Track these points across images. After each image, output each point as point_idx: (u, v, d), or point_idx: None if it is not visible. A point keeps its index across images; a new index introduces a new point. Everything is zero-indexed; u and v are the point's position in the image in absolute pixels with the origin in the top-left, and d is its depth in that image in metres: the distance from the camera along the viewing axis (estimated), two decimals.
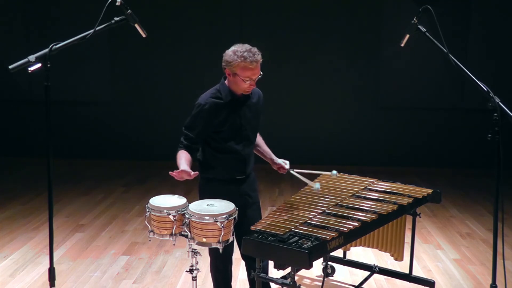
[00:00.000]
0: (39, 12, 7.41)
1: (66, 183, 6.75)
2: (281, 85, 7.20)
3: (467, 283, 4.15)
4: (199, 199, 3.07)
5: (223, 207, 2.86)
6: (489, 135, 2.73)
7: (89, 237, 5.04)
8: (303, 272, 4.19)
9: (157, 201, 2.94)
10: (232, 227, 2.85)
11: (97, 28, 2.80)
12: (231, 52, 3.00)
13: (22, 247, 4.77)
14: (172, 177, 2.84)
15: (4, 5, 7.50)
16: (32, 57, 2.66)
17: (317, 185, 3.27)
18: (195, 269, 2.99)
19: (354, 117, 7.48)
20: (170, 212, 2.85)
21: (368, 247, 3.75)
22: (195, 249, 2.94)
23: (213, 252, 3.21)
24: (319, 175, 3.66)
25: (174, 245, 3.86)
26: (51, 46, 2.71)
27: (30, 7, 7.43)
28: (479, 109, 6.25)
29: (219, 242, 2.79)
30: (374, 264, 3.98)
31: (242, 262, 3.56)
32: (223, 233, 2.78)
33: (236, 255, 3.29)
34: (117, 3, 2.77)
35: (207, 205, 2.88)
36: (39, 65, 2.68)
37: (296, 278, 3.75)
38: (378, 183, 3.66)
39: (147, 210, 2.92)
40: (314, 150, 7.41)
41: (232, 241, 2.97)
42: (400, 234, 3.70)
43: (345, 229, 2.86)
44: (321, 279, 4.15)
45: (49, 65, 2.69)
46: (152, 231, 2.95)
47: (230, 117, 3.08)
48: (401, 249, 3.73)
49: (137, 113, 7.63)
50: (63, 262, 4.47)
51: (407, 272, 3.91)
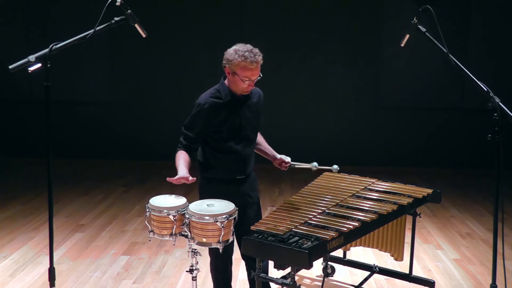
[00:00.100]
0: (39, 12, 7.42)
1: (66, 183, 6.75)
2: (281, 85, 7.20)
3: (467, 283, 4.15)
4: (199, 199, 3.07)
5: (223, 207, 2.86)
6: (489, 135, 2.72)
7: (89, 237, 5.04)
8: (303, 272, 4.19)
9: (157, 201, 2.93)
10: (232, 227, 2.85)
11: (97, 28, 2.80)
12: (232, 50, 3.00)
13: (22, 247, 4.77)
14: None
15: (4, 5, 7.50)
16: (32, 57, 2.66)
17: (315, 163, 3.36)
18: (195, 269, 2.99)
19: (354, 117, 7.48)
20: (170, 212, 2.85)
21: (368, 247, 3.75)
22: (195, 249, 2.94)
23: (213, 252, 3.21)
24: (319, 172, 3.67)
25: (174, 245, 3.86)
26: (51, 46, 2.71)
27: (30, 7, 7.43)
28: (479, 109, 6.25)
29: (219, 242, 2.79)
30: (374, 264, 3.98)
31: (242, 262, 3.56)
32: (223, 233, 2.78)
33: (236, 255, 3.29)
34: (117, 3, 2.77)
35: (207, 205, 2.88)
36: (39, 65, 2.68)
37: (296, 278, 3.75)
38: (378, 183, 3.66)
39: (147, 210, 2.92)
40: (314, 150, 7.38)
41: (232, 241, 2.96)
42: (400, 234, 3.70)
43: (345, 229, 2.86)
44: (321, 279, 4.15)
45: (49, 65, 2.69)
46: (152, 231, 2.95)
47: (229, 117, 3.08)
48: (401, 249, 3.73)
49: (137, 113, 7.63)
50: (63, 262, 4.47)
51: (407, 272, 3.91)
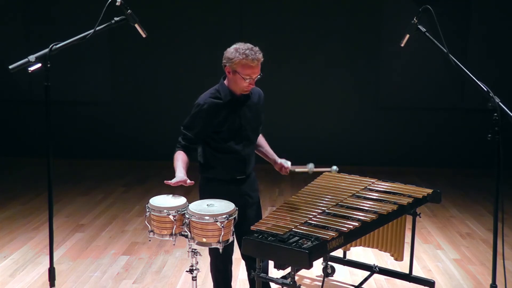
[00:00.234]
0: (39, 12, 7.42)
1: (66, 183, 6.75)
2: (281, 85, 7.20)
3: (467, 283, 4.15)
4: (199, 199, 3.07)
5: (223, 207, 2.86)
6: (489, 135, 2.72)
7: (89, 237, 5.04)
8: (303, 272, 4.19)
9: (157, 201, 2.93)
10: (232, 227, 2.85)
11: (97, 28, 2.80)
12: (233, 49, 3.00)
13: (22, 247, 4.77)
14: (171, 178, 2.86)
15: (4, 5, 7.50)
16: (32, 57, 2.66)
17: (310, 165, 3.33)
18: (195, 269, 2.98)
19: (354, 117, 7.48)
20: (170, 212, 2.85)
21: (368, 247, 3.75)
22: (195, 249, 2.94)
23: (213, 252, 3.21)
24: (319, 173, 3.67)
25: (174, 245, 3.86)
26: (51, 46, 2.71)
27: (30, 7, 7.43)
28: (479, 109, 6.26)
29: (219, 242, 2.79)
30: (374, 264, 3.98)
31: (242, 262, 3.56)
32: (223, 233, 2.78)
33: (236, 255, 3.29)
34: (117, 3, 2.77)
35: (207, 205, 2.88)
36: (39, 65, 2.68)
37: (296, 278, 3.75)
38: (378, 183, 3.66)
39: (147, 210, 2.92)
40: (314, 150, 7.39)
41: (232, 241, 2.96)
42: (400, 234, 3.70)
43: (345, 229, 2.86)
44: (321, 279, 4.15)
45: (49, 65, 2.69)
46: (152, 231, 2.95)
47: (229, 117, 3.08)
48: (401, 249, 3.73)
49: (137, 113, 7.63)
50: (63, 262, 4.47)
51: (407, 272, 3.91)
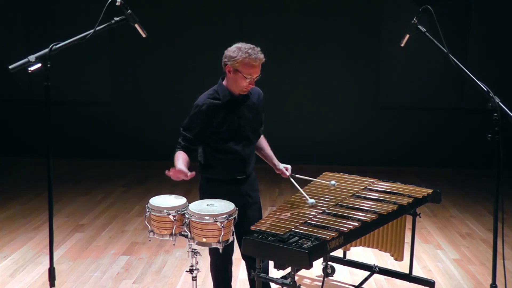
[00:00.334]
0: (39, 12, 7.42)
1: (66, 183, 6.75)
2: (281, 85, 7.20)
3: (467, 283, 4.15)
4: (200, 199, 3.07)
5: (223, 207, 2.86)
6: (489, 135, 2.72)
7: (89, 237, 5.04)
8: (303, 272, 4.18)
9: (157, 201, 2.93)
10: (232, 227, 2.85)
11: (97, 28, 2.80)
12: (235, 48, 2.99)
13: (22, 247, 4.77)
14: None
15: (4, 5, 7.50)
16: (32, 57, 2.66)
17: (312, 200, 3.20)
18: (195, 269, 2.99)
19: (354, 117, 7.47)
20: (170, 212, 2.85)
21: (368, 247, 3.75)
22: (195, 249, 2.94)
23: (213, 252, 3.20)
24: (320, 171, 3.67)
25: (174, 245, 3.86)
26: (51, 46, 2.71)
27: (30, 7, 7.43)
28: (479, 109, 6.25)
29: (219, 242, 2.79)
30: (374, 264, 3.98)
31: (242, 262, 3.56)
32: (223, 233, 2.78)
33: (236, 255, 3.28)
34: (117, 3, 2.77)
35: (207, 205, 2.88)
36: (39, 65, 2.68)
37: (296, 278, 3.75)
38: (378, 183, 3.66)
39: (147, 210, 2.92)
40: (314, 150, 7.41)
41: (232, 241, 2.96)
42: (400, 234, 3.70)
43: (345, 229, 2.86)
44: (321, 279, 4.14)
45: (49, 65, 2.69)
46: (152, 231, 2.95)
47: (228, 118, 3.08)
48: (401, 249, 3.73)
49: (137, 113, 7.63)
50: (63, 262, 4.47)
51: (407, 272, 3.91)
